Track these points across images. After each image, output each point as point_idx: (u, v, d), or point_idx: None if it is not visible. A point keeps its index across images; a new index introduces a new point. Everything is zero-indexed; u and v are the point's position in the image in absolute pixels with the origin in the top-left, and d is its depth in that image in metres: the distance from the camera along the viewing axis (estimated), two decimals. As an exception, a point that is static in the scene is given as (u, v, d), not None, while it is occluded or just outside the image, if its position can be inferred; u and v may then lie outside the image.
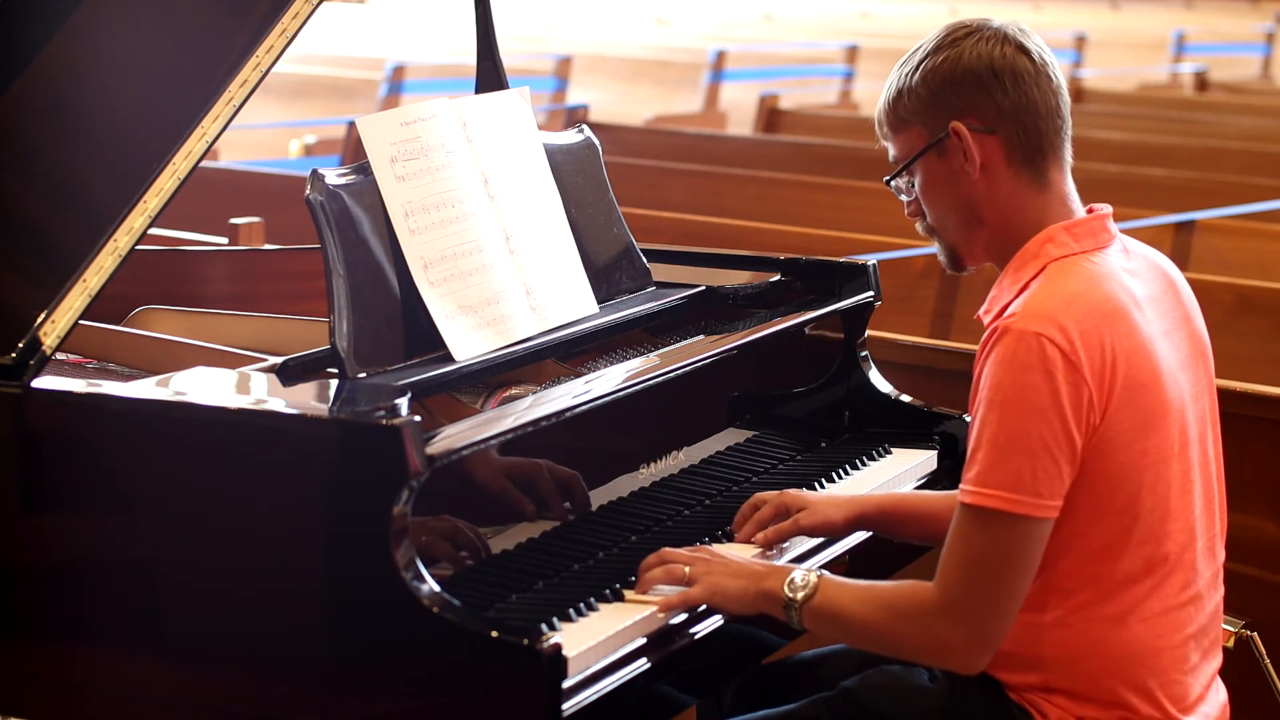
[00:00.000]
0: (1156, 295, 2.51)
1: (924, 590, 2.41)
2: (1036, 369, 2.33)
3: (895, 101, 2.55)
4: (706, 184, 6.72)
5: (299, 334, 2.98)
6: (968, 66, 2.48)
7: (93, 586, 2.42)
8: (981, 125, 2.48)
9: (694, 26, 18.13)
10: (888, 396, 3.27)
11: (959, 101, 2.48)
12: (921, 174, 2.54)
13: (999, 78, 2.47)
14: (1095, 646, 2.44)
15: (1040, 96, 2.48)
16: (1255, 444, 2.59)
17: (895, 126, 2.56)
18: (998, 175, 2.49)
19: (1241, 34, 17.00)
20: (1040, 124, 2.48)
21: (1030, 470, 2.33)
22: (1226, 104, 10.24)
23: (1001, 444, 2.34)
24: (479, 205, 2.77)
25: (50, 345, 2.46)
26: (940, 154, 2.51)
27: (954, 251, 2.58)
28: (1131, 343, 2.39)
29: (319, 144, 8.20)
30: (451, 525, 2.42)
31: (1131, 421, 2.38)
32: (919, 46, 2.54)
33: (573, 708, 2.25)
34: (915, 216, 2.60)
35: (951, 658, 2.42)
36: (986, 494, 2.34)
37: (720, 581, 2.50)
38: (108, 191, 2.54)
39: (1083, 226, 2.49)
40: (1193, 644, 2.50)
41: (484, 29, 3.13)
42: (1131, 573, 2.42)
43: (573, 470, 2.63)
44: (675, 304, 3.09)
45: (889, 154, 2.59)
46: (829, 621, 2.47)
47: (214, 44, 2.63)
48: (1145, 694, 2.45)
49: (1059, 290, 2.40)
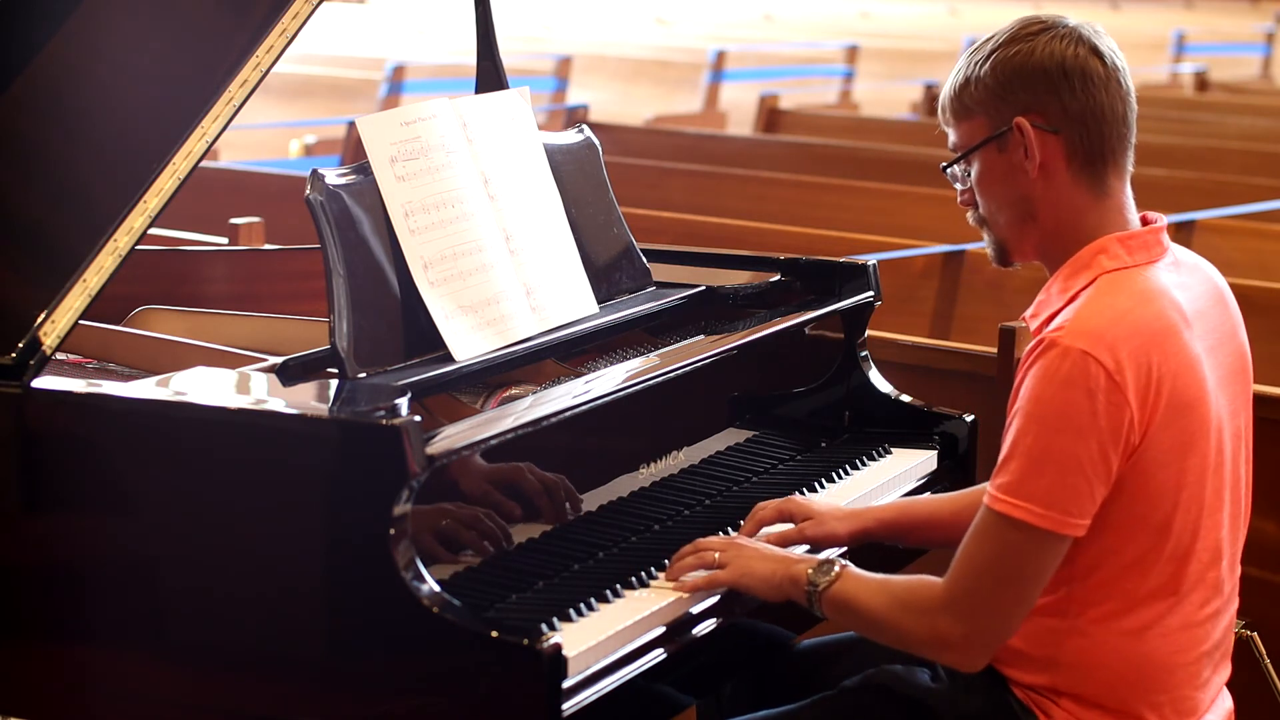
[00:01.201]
0: (1205, 309, 2.49)
1: (933, 586, 2.42)
2: (1079, 387, 2.31)
3: (961, 89, 2.51)
4: (706, 184, 6.72)
5: (299, 334, 2.98)
6: (1039, 63, 2.44)
7: (93, 587, 2.42)
8: (1045, 124, 2.45)
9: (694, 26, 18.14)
10: (888, 396, 3.27)
11: (1026, 97, 2.45)
12: (979, 165, 2.51)
13: (1069, 78, 2.44)
14: (1111, 657, 2.43)
15: (1108, 102, 2.45)
16: (1257, 444, 2.59)
17: (958, 114, 2.53)
18: (1056, 176, 2.46)
19: (1241, 34, 17.00)
20: (1104, 129, 2.45)
21: (1062, 487, 2.32)
22: (1226, 104, 10.24)
23: (1036, 457, 2.33)
24: (479, 205, 2.77)
25: (50, 345, 2.46)
26: (1001, 148, 2.48)
27: (1003, 246, 2.55)
28: (1179, 362, 2.37)
29: (319, 144, 8.20)
30: (467, 516, 2.42)
31: (1173, 442, 2.37)
32: (993, 36, 2.50)
33: (573, 708, 2.25)
34: (967, 206, 2.57)
35: (950, 653, 2.42)
36: (1015, 504, 2.34)
37: (750, 564, 2.53)
38: (108, 191, 2.54)
39: (1136, 240, 2.46)
40: (1206, 660, 2.50)
41: (484, 29, 3.13)
42: (1156, 589, 2.42)
43: (573, 470, 2.63)
44: (675, 304, 3.09)
45: (949, 140, 2.56)
46: (845, 610, 2.48)
47: (214, 44, 2.63)
48: (1155, 708, 2.45)
49: (1109, 306, 2.38)
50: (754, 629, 2.61)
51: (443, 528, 2.41)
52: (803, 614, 2.53)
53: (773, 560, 2.54)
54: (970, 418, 3.22)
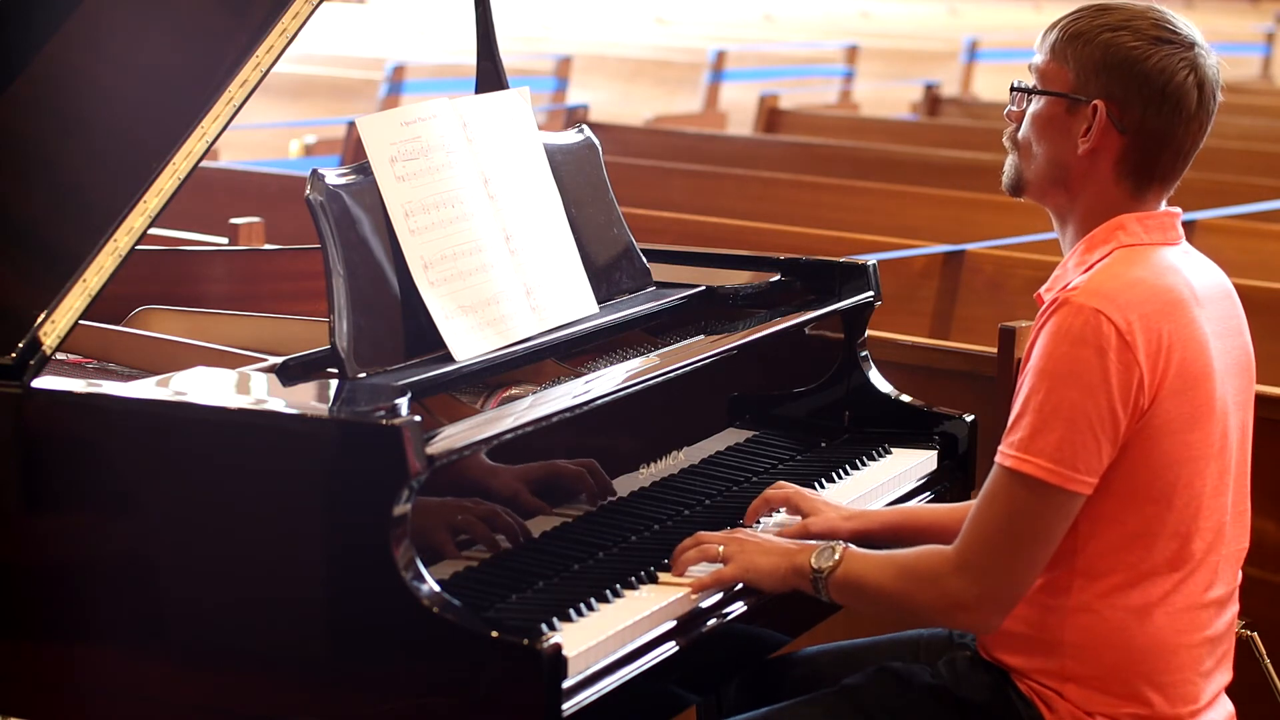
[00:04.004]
0: (1216, 298, 2.52)
1: (941, 551, 2.45)
2: (1090, 344, 2.35)
3: (1072, 38, 2.49)
4: (706, 184, 6.72)
5: (299, 334, 2.98)
6: (1147, 70, 2.45)
7: (93, 586, 2.42)
8: (1118, 121, 2.47)
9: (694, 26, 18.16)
10: (888, 396, 3.27)
11: (1118, 90, 2.46)
12: (1043, 107, 2.52)
13: (1164, 98, 2.45)
14: (1116, 635, 2.45)
15: (1183, 134, 2.48)
16: (1257, 444, 2.60)
17: (1056, 53, 2.51)
18: (1100, 166, 2.49)
19: (1241, 34, 17.00)
20: (1164, 157, 2.49)
21: (1071, 443, 2.35)
22: (1226, 104, 10.18)
23: (1046, 413, 2.36)
24: (479, 205, 2.77)
25: (50, 345, 2.46)
26: (1070, 109, 2.49)
27: (1020, 181, 2.57)
28: (1188, 335, 2.41)
29: (319, 144, 8.20)
30: (467, 517, 2.42)
31: (1179, 413, 2.40)
32: (1129, 13, 2.49)
33: (573, 708, 2.25)
34: (1012, 122, 2.58)
35: (963, 614, 2.44)
36: (1025, 460, 2.36)
37: (754, 559, 2.54)
38: (108, 191, 2.54)
39: (1154, 219, 2.50)
40: (1209, 647, 2.51)
41: (484, 29, 3.14)
42: (1159, 564, 2.44)
43: (573, 469, 2.63)
44: (675, 304, 3.09)
45: (1033, 62, 2.55)
46: (853, 591, 2.50)
47: (214, 44, 2.63)
48: (1159, 689, 2.46)
49: (1123, 273, 2.43)
50: (755, 628, 2.61)
51: (443, 527, 2.41)
52: (803, 613, 2.53)
53: (775, 553, 2.55)
54: (970, 418, 3.22)
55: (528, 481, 2.55)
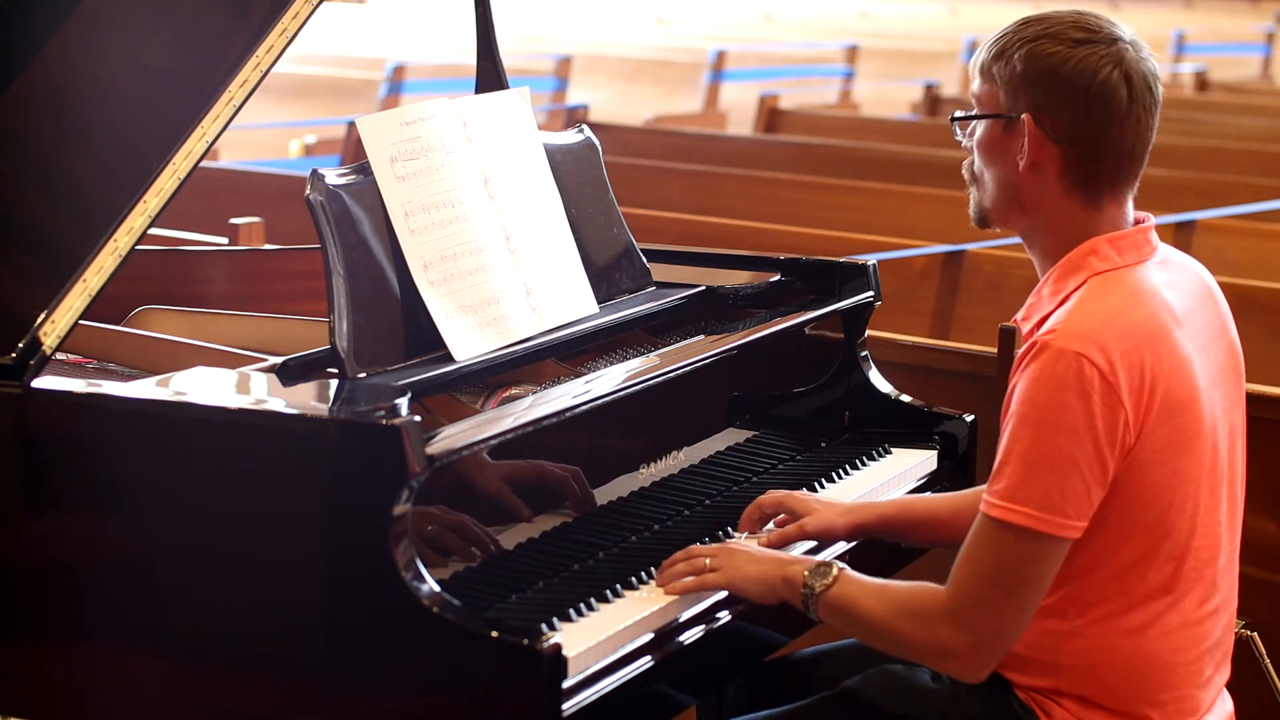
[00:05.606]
0: (1195, 307, 2.48)
1: (935, 593, 2.41)
2: (1073, 389, 2.31)
3: (996, 56, 2.46)
4: (706, 184, 6.72)
5: (299, 334, 2.98)
6: (1067, 74, 2.40)
7: (93, 586, 2.42)
8: (1050, 131, 2.42)
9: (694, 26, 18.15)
10: (888, 396, 3.27)
11: (1043, 99, 2.42)
12: (982, 131, 2.49)
13: (1088, 100, 2.40)
14: (1112, 657, 2.43)
15: (1118, 134, 2.41)
16: (1256, 444, 2.59)
17: (985, 75, 2.48)
18: (1045, 181, 2.45)
19: (1241, 34, 17.01)
20: (1107, 161, 2.43)
21: (1059, 490, 2.32)
22: (1226, 104, 10.24)
23: (1032, 461, 2.32)
24: (479, 205, 2.77)
25: (50, 345, 2.46)
26: (1005, 129, 2.46)
27: (983, 212, 2.54)
28: (1171, 363, 2.37)
29: (319, 144, 8.20)
30: (456, 521, 2.42)
31: (1166, 441, 2.37)
32: (1048, 22, 2.44)
33: (573, 708, 2.25)
34: (967, 156, 2.55)
35: (952, 662, 2.41)
36: (1013, 509, 2.33)
37: (741, 567, 2.52)
38: (108, 191, 2.54)
39: (1127, 240, 2.45)
40: (1207, 658, 2.49)
41: (484, 29, 3.14)
42: (1155, 588, 2.42)
43: (573, 469, 2.63)
44: (675, 304, 3.09)
45: (972, 87, 2.53)
46: (842, 614, 2.47)
47: (214, 44, 2.63)
48: (1158, 706, 2.45)
49: (1100, 307, 2.37)
50: (755, 629, 2.61)
51: (443, 527, 2.41)
52: (800, 616, 2.52)
53: (765, 562, 2.53)
54: (970, 418, 3.22)
55: (522, 482, 2.55)
